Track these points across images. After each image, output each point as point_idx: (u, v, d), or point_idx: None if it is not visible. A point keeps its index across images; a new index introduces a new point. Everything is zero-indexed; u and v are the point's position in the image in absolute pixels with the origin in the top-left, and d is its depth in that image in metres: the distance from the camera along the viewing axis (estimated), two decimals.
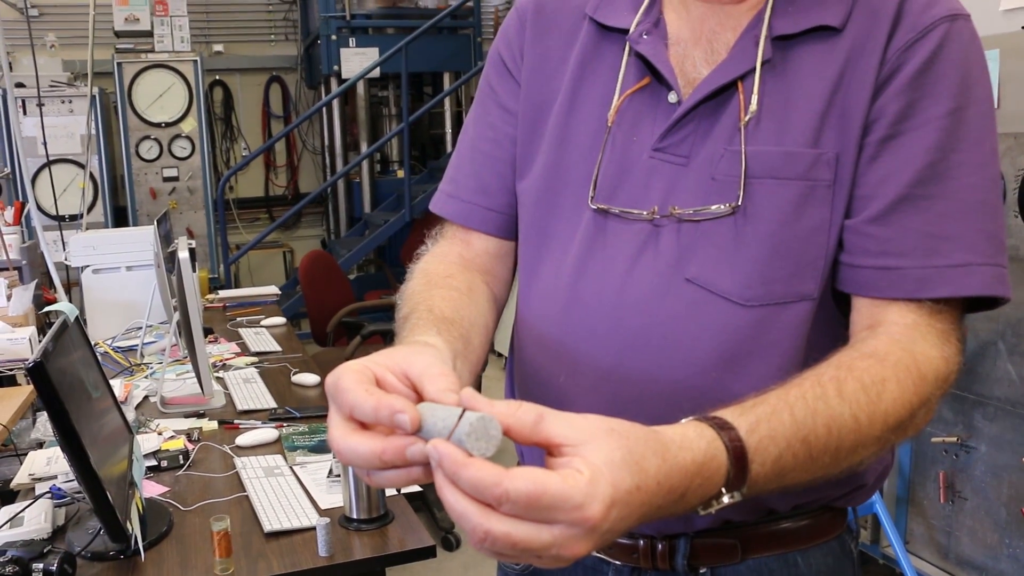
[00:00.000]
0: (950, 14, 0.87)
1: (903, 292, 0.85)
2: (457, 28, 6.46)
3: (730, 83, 0.90)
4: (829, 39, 0.89)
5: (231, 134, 7.23)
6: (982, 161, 0.86)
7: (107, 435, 1.69)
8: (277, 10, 7.25)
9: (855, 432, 0.77)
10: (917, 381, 0.80)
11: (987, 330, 2.39)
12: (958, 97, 0.85)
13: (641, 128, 0.95)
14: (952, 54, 0.85)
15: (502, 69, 1.07)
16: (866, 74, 0.87)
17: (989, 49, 2.30)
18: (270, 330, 3.57)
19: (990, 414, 2.41)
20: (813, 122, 0.88)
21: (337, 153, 6.51)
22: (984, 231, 0.85)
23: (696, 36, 0.95)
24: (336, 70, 6.09)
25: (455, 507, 0.59)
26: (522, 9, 1.07)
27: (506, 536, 0.58)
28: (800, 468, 0.75)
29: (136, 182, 6.23)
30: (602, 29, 1.00)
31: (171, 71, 6.18)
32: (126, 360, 3.02)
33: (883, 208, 0.86)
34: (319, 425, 2.35)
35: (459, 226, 1.08)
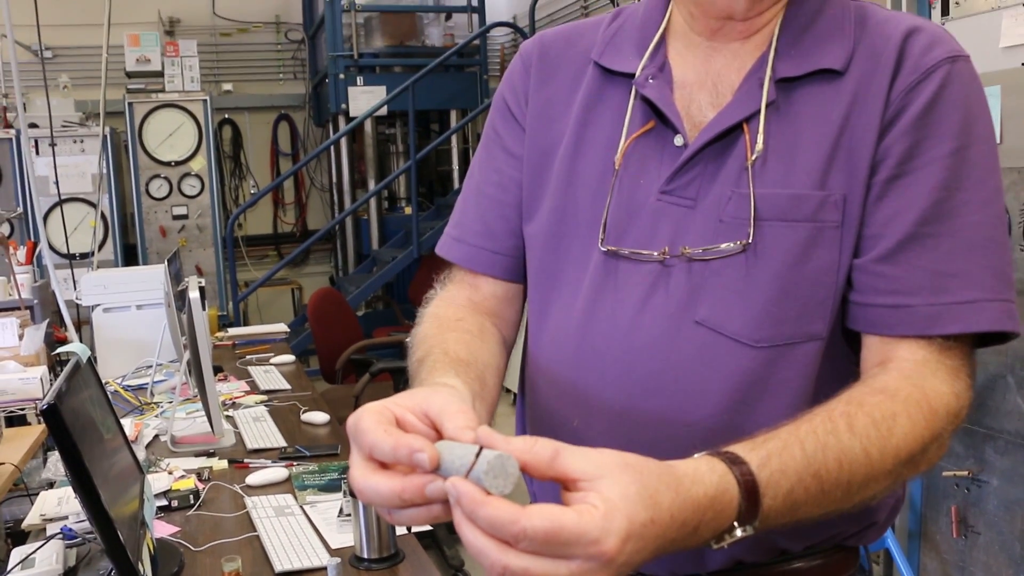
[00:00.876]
0: (950, 55, 0.89)
1: (913, 329, 0.86)
2: (463, 66, 6.53)
3: (735, 125, 0.92)
4: (832, 82, 0.91)
5: (240, 172, 7.29)
6: (986, 199, 0.87)
7: (118, 475, 1.70)
8: (286, 49, 7.35)
9: (866, 467, 0.77)
10: (928, 416, 0.81)
11: (996, 364, 2.39)
12: (961, 136, 0.87)
13: (648, 171, 0.96)
14: (954, 95, 0.87)
15: (507, 114, 1.08)
16: (871, 116, 0.89)
17: (990, 85, 2.32)
18: (279, 368, 3.58)
19: (1001, 448, 2.40)
20: (819, 164, 0.89)
21: (345, 190, 6.56)
22: (991, 267, 0.86)
23: (701, 80, 0.97)
24: (344, 108, 6.16)
25: (473, 544, 0.60)
26: (527, 55, 1.09)
27: (524, 572, 0.60)
28: (812, 502, 0.76)
29: (146, 220, 6.29)
30: (607, 73, 1.02)
31: (181, 110, 6.26)
32: (136, 399, 3.03)
33: (891, 247, 0.87)
34: (329, 464, 2.35)
35: (466, 270, 1.09)
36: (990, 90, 2.32)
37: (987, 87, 2.32)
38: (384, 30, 6.39)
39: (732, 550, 0.95)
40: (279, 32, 7.33)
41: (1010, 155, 2.31)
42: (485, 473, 0.60)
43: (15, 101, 3.38)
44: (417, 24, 6.52)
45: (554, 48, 1.07)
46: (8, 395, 2.67)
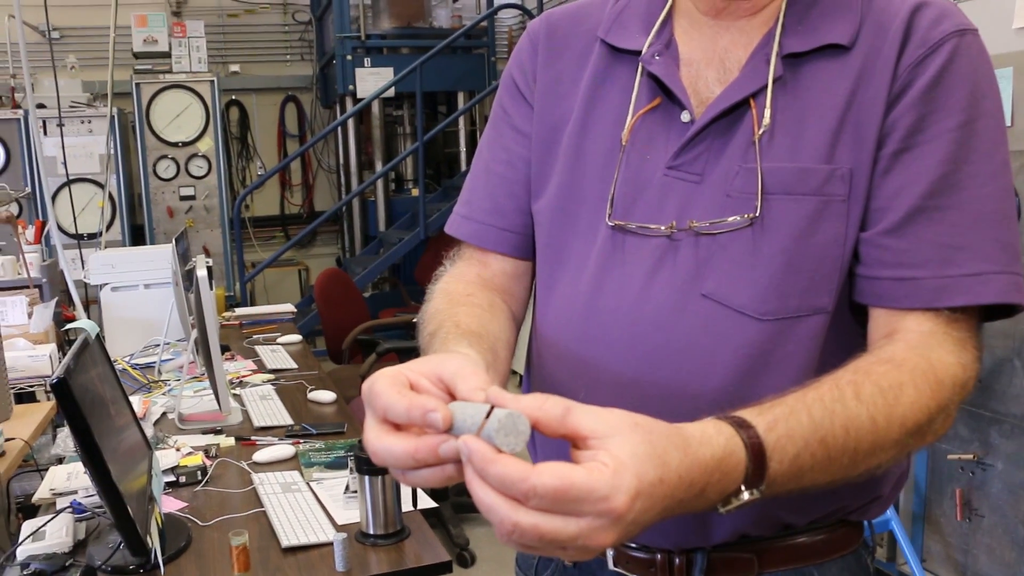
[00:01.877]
0: (958, 29, 0.88)
1: (920, 302, 0.86)
2: (471, 48, 6.51)
3: (743, 100, 0.92)
4: (839, 57, 0.91)
5: (247, 153, 7.29)
6: (994, 172, 0.87)
7: (127, 451, 1.72)
8: (293, 31, 7.33)
9: (873, 434, 0.77)
10: (934, 386, 0.81)
11: (1003, 347, 2.39)
12: (968, 110, 0.86)
13: (655, 147, 0.96)
14: (962, 68, 0.87)
15: (515, 92, 1.08)
16: (878, 90, 0.88)
17: (1003, 67, 2.31)
18: (286, 347, 3.59)
19: (1006, 431, 2.40)
20: (826, 138, 0.89)
21: (352, 172, 6.56)
22: (998, 240, 0.86)
23: (708, 57, 0.97)
24: (351, 89, 6.15)
25: (484, 500, 0.61)
26: (534, 33, 1.09)
27: (534, 528, 0.60)
28: (818, 468, 0.76)
29: (153, 201, 6.30)
30: (614, 51, 1.02)
31: (188, 91, 6.25)
32: (144, 377, 3.05)
33: (898, 220, 0.87)
34: (335, 442, 2.36)
35: (476, 247, 1.09)
36: (1002, 72, 2.31)
37: (998, 69, 2.31)
38: (391, 11, 6.37)
39: (736, 522, 0.96)
40: (286, 13, 7.31)
41: (1021, 138, 2.29)
42: (496, 431, 0.61)
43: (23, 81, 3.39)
44: (425, 5, 6.49)
45: (561, 26, 1.08)
46: (18, 372, 2.69)
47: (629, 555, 1.01)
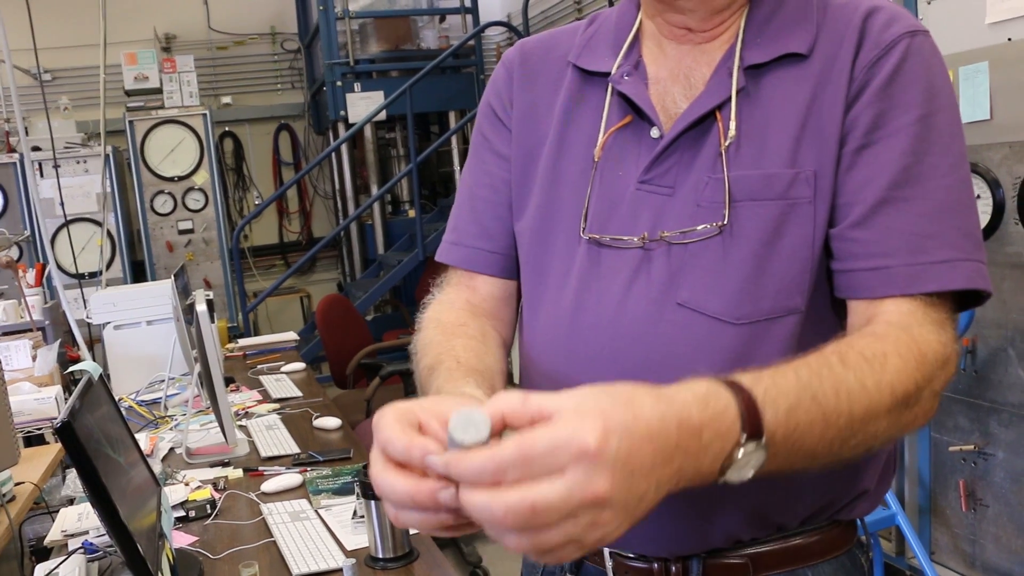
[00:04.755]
0: (909, 30, 0.92)
1: (895, 289, 0.88)
2: (460, 67, 6.56)
3: (708, 113, 0.96)
4: (798, 65, 0.95)
5: (243, 183, 7.34)
6: (953, 164, 0.90)
7: (135, 489, 1.74)
8: (283, 59, 7.39)
9: (865, 398, 0.78)
10: (918, 357, 0.83)
11: (996, 337, 2.41)
12: (924, 105, 0.90)
13: (626, 163, 1.00)
14: (915, 66, 0.91)
15: (493, 118, 1.12)
16: (837, 93, 0.92)
17: (978, 62, 2.34)
18: (290, 376, 3.62)
19: (1005, 420, 2.42)
20: (789, 143, 0.93)
21: (348, 196, 6.60)
22: (962, 229, 0.89)
23: (674, 75, 1.01)
24: (343, 115, 6.19)
25: (478, 506, 0.61)
26: (509, 61, 1.14)
27: (524, 503, 0.59)
28: (816, 428, 0.76)
29: (152, 236, 6.34)
30: (585, 74, 1.06)
31: (181, 125, 6.31)
32: (150, 413, 3.07)
33: (865, 212, 0.90)
34: (342, 468, 2.38)
35: (464, 272, 1.12)
36: (977, 66, 2.34)
37: (975, 63, 2.34)
38: (379, 35, 6.42)
39: (730, 526, 0.98)
40: (275, 42, 7.37)
41: (1001, 130, 2.32)
42: (453, 430, 0.62)
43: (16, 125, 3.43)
44: (412, 27, 6.54)
45: (534, 54, 1.12)
46: (25, 415, 2.72)
47: (627, 565, 1.03)
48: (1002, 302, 2.38)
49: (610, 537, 0.63)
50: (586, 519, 0.61)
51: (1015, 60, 2.26)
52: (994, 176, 2.35)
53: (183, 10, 7.05)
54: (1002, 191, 2.34)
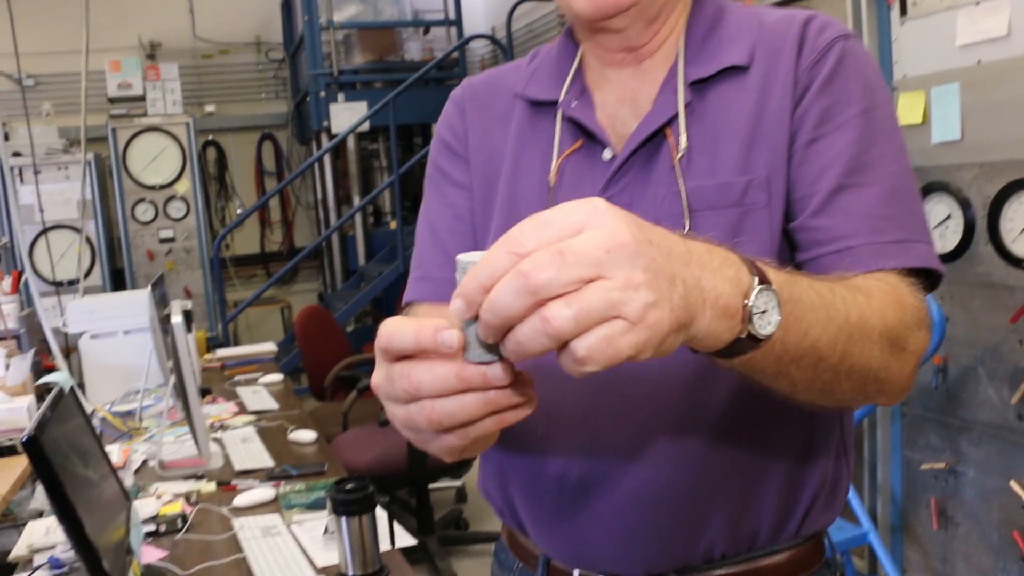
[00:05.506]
0: (842, 34, 0.98)
1: (863, 267, 0.90)
2: (443, 79, 6.58)
3: (658, 130, 0.98)
4: (740, 77, 0.99)
5: (225, 192, 7.33)
6: (897, 153, 0.95)
7: (104, 503, 1.73)
8: (267, 69, 7.39)
9: (857, 307, 0.79)
10: (899, 301, 0.85)
11: (968, 356, 2.43)
12: (865, 99, 0.95)
13: (582, 186, 1.01)
14: (852, 65, 0.96)
15: (448, 152, 1.14)
16: (783, 98, 0.96)
17: (950, 83, 2.37)
18: (268, 388, 3.60)
19: (975, 439, 2.44)
20: (740, 152, 0.96)
21: (330, 207, 6.59)
22: (912, 213, 0.93)
23: (620, 98, 1.04)
24: (326, 125, 6.19)
25: (507, 283, 0.58)
26: (458, 98, 1.16)
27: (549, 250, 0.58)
28: (819, 313, 0.76)
29: (133, 244, 6.32)
30: (534, 105, 1.08)
31: (164, 134, 6.30)
32: (124, 425, 3.05)
33: (822, 200, 0.93)
34: (316, 483, 2.37)
35: (431, 304, 1.11)
36: (948, 87, 2.37)
37: (946, 84, 2.37)
38: (363, 46, 6.43)
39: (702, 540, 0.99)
40: (260, 52, 7.37)
41: (971, 151, 2.35)
42: (460, 262, 0.63)
43: None
44: (396, 39, 6.56)
45: (482, 90, 1.15)
46: None
47: None
48: (973, 321, 2.41)
49: (651, 315, 0.60)
50: (620, 274, 0.59)
51: (985, 82, 2.29)
52: (965, 196, 2.37)
53: (169, 18, 7.04)
54: (973, 211, 2.36)
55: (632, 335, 0.59)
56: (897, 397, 0.90)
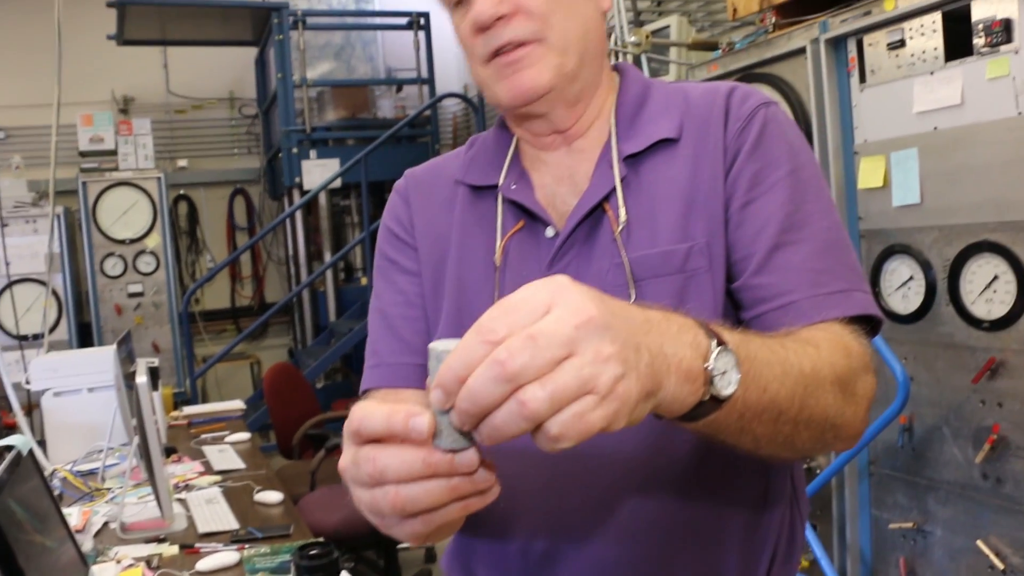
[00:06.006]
0: (763, 102, 1.03)
1: (805, 319, 0.93)
2: (416, 136, 6.64)
3: (597, 205, 1.02)
4: (670, 148, 1.03)
5: (196, 247, 7.30)
6: (826, 209, 1.00)
7: (59, 570, 1.69)
8: (240, 124, 7.43)
9: (808, 359, 0.83)
10: (845, 349, 0.89)
11: (933, 416, 2.46)
12: (791, 160, 1.00)
13: (528, 264, 1.05)
14: (775, 129, 1.01)
15: (396, 241, 1.16)
16: (714, 166, 1.01)
17: (908, 148, 2.43)
18: (235, 447, 3.55)
19: (942, 498, 2.46)
20: (678, 220, 1.00)
21: (301, 262, 6.59)
22: (847, 264, 0.98)
23: (558, 178, 1.08)
24: (298, 182, 6.21)
25: (483, 372, 0.60)
26: (401, 189, 1.19)
27: (521, 336, 0.60)
28: (775, 369, 0.78)
29: (101, 299, 6.26)
30: (475, 190, 1.12)
31: (135, 188, 6.28)
32: (85, 485, 2.99)
33: (762, 260, 0.96)
34: (281, 546, 2.34)
35: (388, 390, 1.11)
36: (908, 152, 2.43)
37: (904, 150, 2.43)
38: (336, 103, 6.49)
39: None
40: (233, 108, 7.41)
41: (930, 214, 2.40)
42: (433, 350, 0.64)
43: None
44: (369, 97, 6.63)
45: (424, 179, 1.19)
46: None
47: None
48: (936, 380, 2.43)
49: (620, 387, 0.62)
50: (590, 349, 0.60)
51: (942, 148, 2.34)
52: (925, 258, 2.42)
53: (142, 73, 7.07)
54: (933, 272, 2.41)
55: (602, 409, 0.61)
56: (853, 442, 0.93)
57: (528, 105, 1.03)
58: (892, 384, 2.41)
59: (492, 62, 1.02)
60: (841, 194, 2.66)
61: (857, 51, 2.60)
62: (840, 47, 2.65)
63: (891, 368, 2.38)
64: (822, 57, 2.65)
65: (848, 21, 2.58)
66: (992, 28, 2.16)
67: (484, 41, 1.02)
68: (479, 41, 1.02)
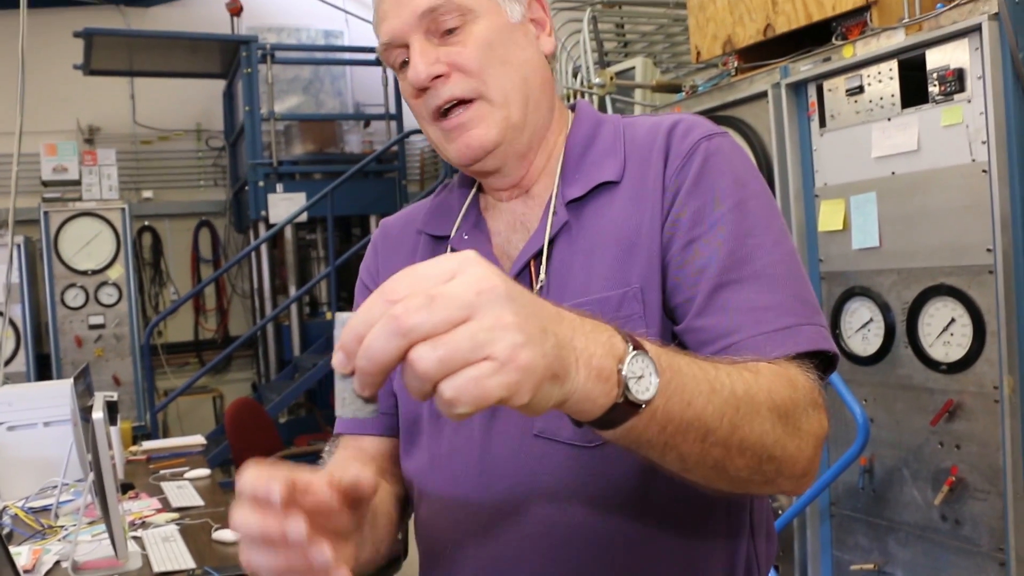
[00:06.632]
0: (707, 134, 1.02)
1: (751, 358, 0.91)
2: (383, 172, 6.65)
3: (539, 251, 1.04)
4: (612, 191, 1.03)
5: (160, 279, 7.22)
6: (775, 240, 0.98)
7: None
8: (207, 156, 7.39)
9: (742, 381, 0.81)
10: (789, 380, 0.87)
11: (892, 457, 2.48)
12: (735, 194, 0.98)
13: None
14: (718, 162, 1.00)
15: (366, 291, 1.19)
16: (654, 207, 1.00)
17: (867, 192, 2.47)
18: (194, 483, 3.49)
19: (902, 539, 2.47)
20: (615, 265, 1.00)
21: (266, 296, 6.54)
22: (797, 297, 0.95)
23: (511, 225, 1.10)
24: (264, 215, 6.18)
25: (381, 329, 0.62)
26: (375, 239, 1.23)
27: (419, 295, 0.61)
28: (702, 386, 0.77)
29: (61, 330, 6.16)
30: (433, 239, 1.15)
31: (99, 219, 6.21)
32: (37, 523, 2.93)
33: (704, 301, 0.95)
34: None
35: (350, 436, 1.16)
36: (867, 196, 2.47)
37: (863, 194, 2.47)
38: (304, 137, 6.49)
39: None
40: (200, 139, 7.38)
41: (889, 257, 2.44)
42: (339, 317, 0.66)
43: None
44: (336, 131, 6.64)
45: (394, 229, 1.22)
46: None
47: None
48: (896, 422, 2.46)
49: (521, 354, 0.61)
50: (489, 315, 0.61)
51: (899, 192, 2.39)
52: (884, 300, 2.45)
53: (109, 103, 7.02)
54: (892, 315, 2.44)
55: (501, 375, 0.61)
56: (800, 482, 0.90)
57: (479, 163, 1.05)
58: (852, 425, 2.43)
59: (438, 124, 1.04)
60: (802, 236, 2.70)
61: (817, 96, 2.65)
62: (800, 92, 2.71)
63: (851, 409, 2.40)
64: (783, 101, 2.70)
65: (809, 67, 2.63)
66: (946, 77, 2.22)
67: (425, 101, 1.04)
68: (421, 102, 1.05)
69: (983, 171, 2.16)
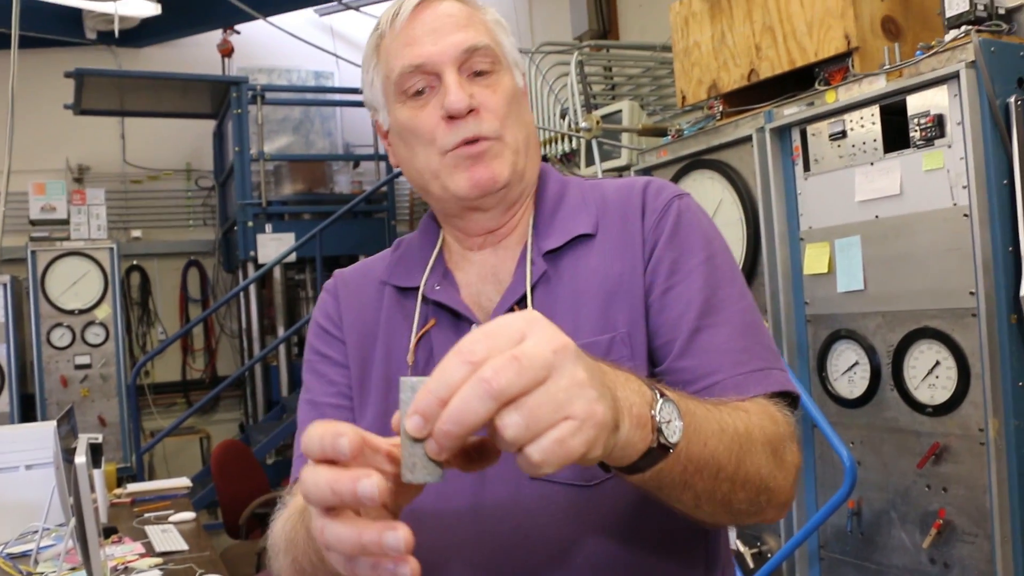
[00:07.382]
0: (677, 194, 1.10)
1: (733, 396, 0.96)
2: (372, 212, 6.66)
3: (520, 299, 1.06)
4: (588, 243, 1.09)
5: (148, 318, 7.18)
6: (740, 293, 1.06)
7: None
8: (196, 196, 7.40)
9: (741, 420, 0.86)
10: (772, 417, 0.93)
11: (880, 500, 2.47)
12: (705, 248, 1.06)
13: None
14: (689, 219, 1.08)
15: (326, 336, 1.18)
16: (634, 257, 1.06)
17: (851, 235, 2.49)
18: (178, 527, 3.46)
19: None
20: (599, 311, 1.04)
21: (254, 336, 6.52)
22: (763, 344, 1.03)
23: (482, 276, 1.12)
24: (253, 255, 6.18)
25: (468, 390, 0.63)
26: (331, 287, 1.23)
27: (503, 356, 0.62)
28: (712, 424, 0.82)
29: (46, 370, 6.11)
30: (399, 291, 1.15)
31: (87, 258, 6.20)
32: (15, 569, 2.89)
33: (683, 344, 1.01)
34: None
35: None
36: (851, 240, 2.49)
37: (847, 237, 2.49)
38: (293, 177, 6.51)
39: None
40: (189, 179, 7.39)
41: (874, 300, 2.45)
42: (405, 383, 0.67)
43: None
44: (326, 172, 6.67)
45: (352, 280, 1.22)
46: None
47: None
48: (883, 465, 2.46)
49: (597, 410, 0.65)
50: (566, 374, 0.63)
51: (883, 236, 2.41)
52: (870, 343, 2.46)
53: (98, 142, 7.03)
54: (878, 357, 2.45)
55: (583, 434, 0.64)
56: (783, 510, 0.96)
57: (485, 196, 1.07)
58: (840, 468, 2.42)
59: (454, 152, 1.06)
60: (788, 279, 2.71)
61: (801, 140, 2.68)
62: (785, 136, 2.73)
63: (838, 452, 2.40)
64: (767, 145, 2.73)
65: (793, 112, 2.66)
66: (927, 123, 2.25)
67: (454, 130, 1.05)
68: (449, 130, 1.06)
69: (964, 215, 2.19)
